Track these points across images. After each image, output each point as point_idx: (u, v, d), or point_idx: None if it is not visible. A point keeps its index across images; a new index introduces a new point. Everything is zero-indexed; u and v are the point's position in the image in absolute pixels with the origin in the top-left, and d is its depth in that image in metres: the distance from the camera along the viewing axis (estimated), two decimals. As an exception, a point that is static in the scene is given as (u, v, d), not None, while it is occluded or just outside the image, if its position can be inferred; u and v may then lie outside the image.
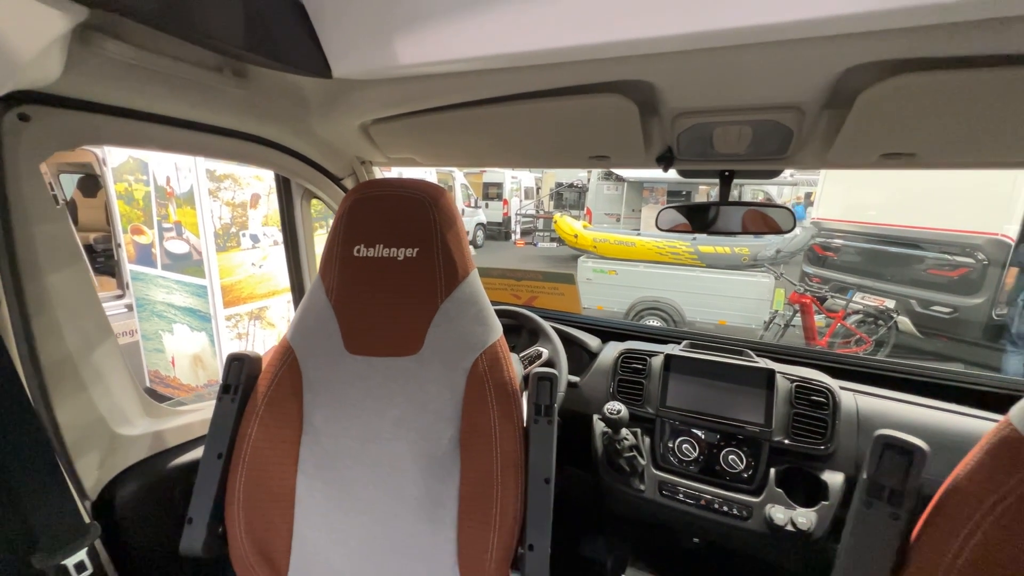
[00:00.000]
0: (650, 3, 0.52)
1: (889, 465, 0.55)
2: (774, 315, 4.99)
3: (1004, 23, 0.46)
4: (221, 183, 3.14)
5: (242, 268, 3.31)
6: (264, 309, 3.52)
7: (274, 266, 3.51)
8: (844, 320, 4.83)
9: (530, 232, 13.07)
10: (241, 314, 3.36)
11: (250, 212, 3.32)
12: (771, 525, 0.97)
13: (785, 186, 11.47)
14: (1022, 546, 0.46)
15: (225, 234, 3.18)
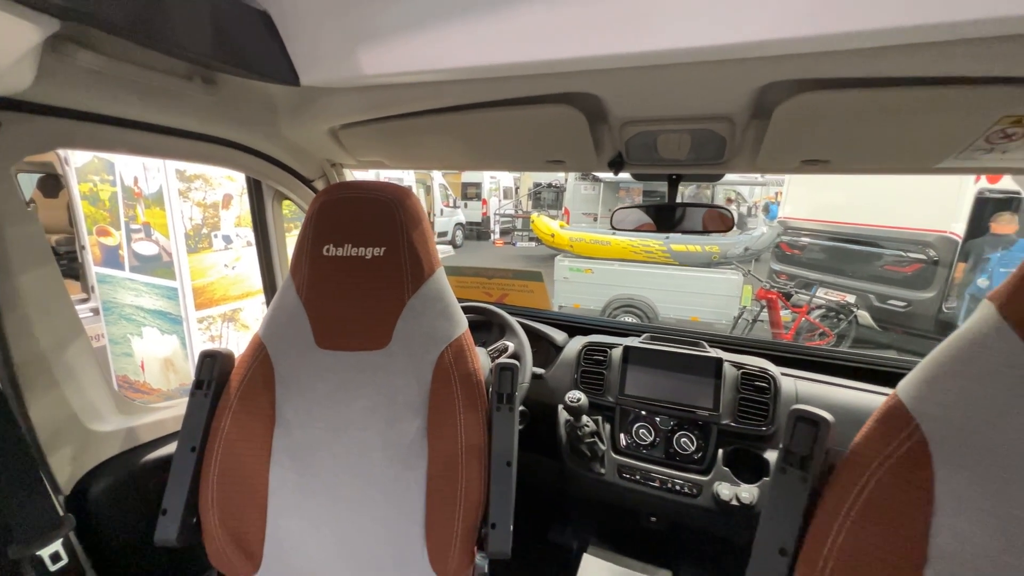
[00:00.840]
0: (594, 24, 0.58)
1: (800, 435, 0.63)
2: (743, 311, 5.18)
3: (896, 50, 0.53)
4: (192, 183, 3.10)
5: (214, 270, 3.27)
6: (238, 311, 3.48)
7: (248, 267, 3.48)
8: (808, 315, 5.05)
9: (509, 232, 13.13)
10: (214, 316, 3.32)
11: (222, 213, 3.28)
12: (718, 501, 1.05)
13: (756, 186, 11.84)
14: (900, 497, 0.54)
15: (196, 235, 3.14)
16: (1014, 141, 0.64)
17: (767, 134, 0.74)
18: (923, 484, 0.52)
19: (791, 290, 5.26)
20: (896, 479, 0.54)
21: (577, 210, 10.67)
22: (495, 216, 13.26)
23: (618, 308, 5.53)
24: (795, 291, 5.25)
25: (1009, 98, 0.58)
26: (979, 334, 0.51)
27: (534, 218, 8.79)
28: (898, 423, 0.55)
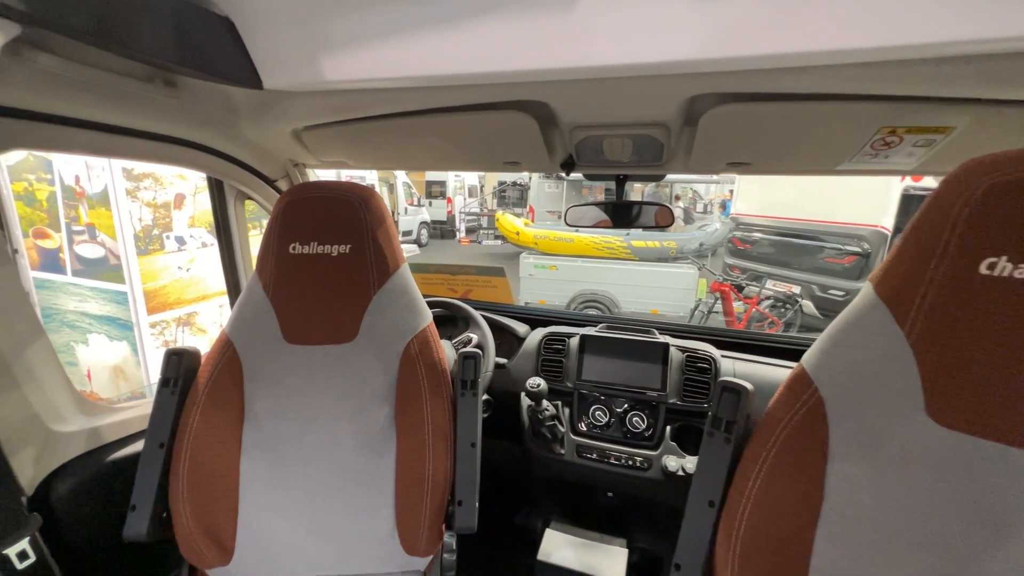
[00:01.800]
0: (544, 40, 0.64)
1: (725, 403, 0.72)
2: (699, 303, 5.44)
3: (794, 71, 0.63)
4: (140, 182, 2.98)
5: (167, 272, 3.15)
6: (193, 315, 3.36)
7: (203, 269, 3.37)
8: (758, 305, 5.37)
9: (475, 230, 13.13)
10: (168, 320, 3.20)
11: (174, 213, 3.17)
12: (666, 472, 1.15)
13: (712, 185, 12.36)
14: (803, 448, 0.64)
15: (147, 236, 3.02)
16: (892, 148, 0.76)
17: (696, 139, 0.84)
18: (820, 436, 0.62)
19: (743, 282, 5.58)
20: (799, 434, 0.64)
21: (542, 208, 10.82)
22: (460, 215, 13.21)
23: (582, 303, 5.68)
24: (746, 283, 5.57)
25: (885, 113, 0.69)
26: (860, 309, 0.61)
27: (499, 216, 8.85)
28: (801, 387, 0.65)
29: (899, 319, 0.57)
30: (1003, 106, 0.64)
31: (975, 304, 0.52)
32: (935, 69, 0.59)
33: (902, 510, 0.57)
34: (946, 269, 0.53)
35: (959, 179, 0.53)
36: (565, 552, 1.20)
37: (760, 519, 0.64)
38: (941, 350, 0.54)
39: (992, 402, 0.52)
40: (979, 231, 0.51)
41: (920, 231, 0.56)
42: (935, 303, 0.54)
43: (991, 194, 0.51)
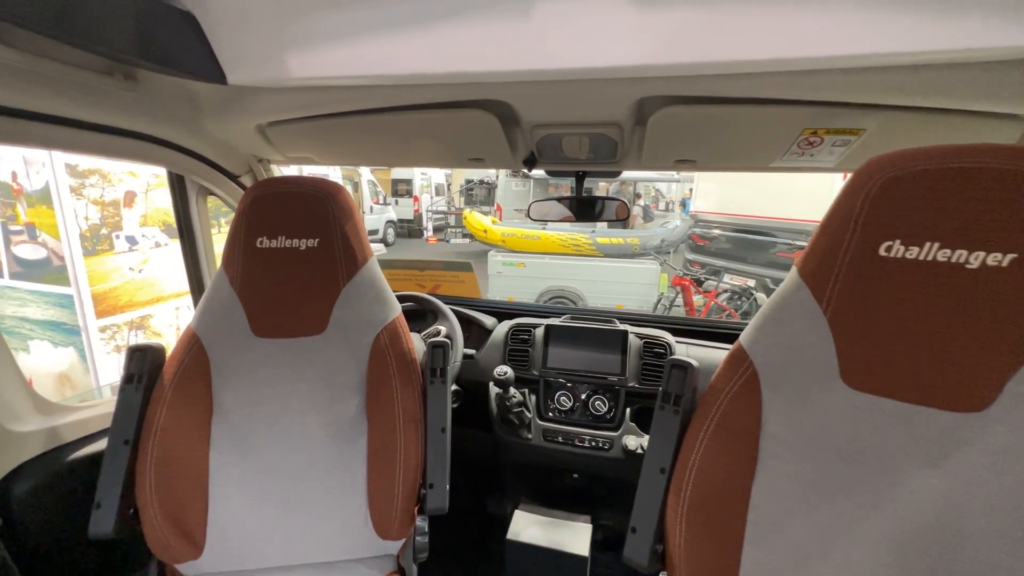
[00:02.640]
0: (504, 44, 0.68)
1: (674, 379, 0.79)
2: (661, 296, 5.65)
3: (726, 77, 0.70)
4: (86, 179, 2.83)
5: (117, 273, 3.01)
6: (147, 318, 3.22)
7: (159, 270, 3.24)
8: (716, 298, 5.63)
9: (442, 229, 13.05)
10: (119, 324, 3.05)
11: (124, 212, 3.03)
12: (626, 451, 1.23)
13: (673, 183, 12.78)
14: (739, 416, 0.71)
15: (94, 236, 2.87)
16: (815, 147, 0.85)
17: (646, 138, 0.90)
18: (754, 404, 0.70)
19: (702, 276, 5.82)
20: (737, 403, 0.72)
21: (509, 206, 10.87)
22: (427, 213, 13.10)
23: (550, 300, 5.78)
24: (705, 277, 5.82)
25: (807, 116, 0.78)
26: (787, 289, 0.69)
27: (467, 214, 8.85)
28: (738, 361, 0.73)
29: (817, 297, 0.65)
30: (904, 111, 0.73)
31: (877, 282, 0.60)
32: (846, 78, 0.68)
33: (822, 465, 0.65)
34: (853, 252, 0.62)
35: (862, 174, 0.62)
36: (533, 531, 1.25)
37: (704, 480, 0.71)
38: (852, 324, 0.63)
39: (893, 366, 0.60)
40: (877, 219, 0.60)
41: (833, 220, 0.64)
42: (845, 282, 0.63)
43: (887, 187, 0.59)
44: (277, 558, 0.95)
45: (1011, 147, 0.55)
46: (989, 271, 0.54)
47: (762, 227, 6.03)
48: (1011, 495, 0.54)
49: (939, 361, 0.58)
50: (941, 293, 0.57)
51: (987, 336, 0.55)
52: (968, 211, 0.55)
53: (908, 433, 0.60)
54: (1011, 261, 0.53)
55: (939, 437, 0.58)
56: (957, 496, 0.57)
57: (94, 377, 2.92)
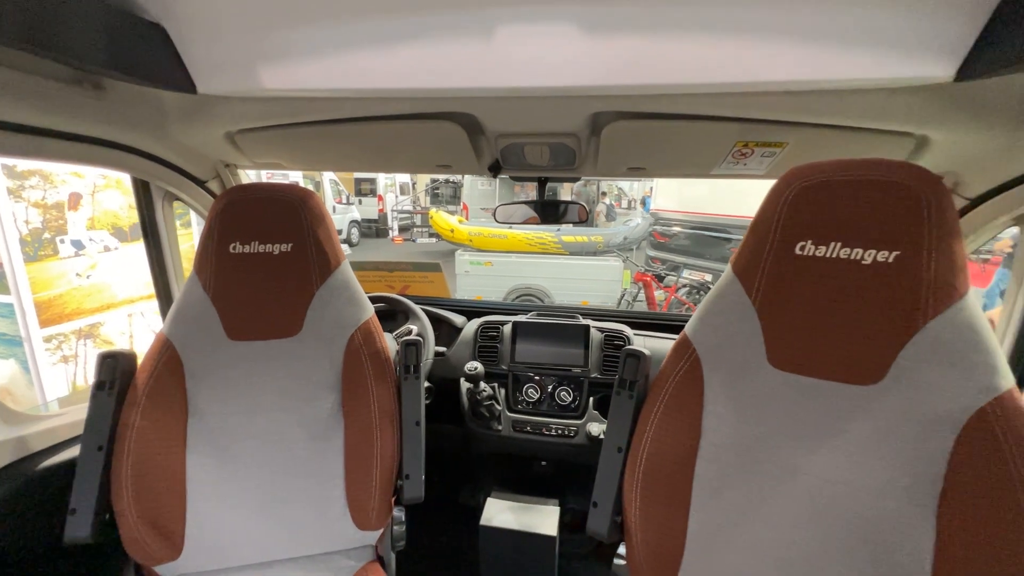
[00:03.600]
0: (469, 63, 0.73)
1: (629, 367, 0.88)
2: (624, 292, 5.85)
3: (665, 97, 0.79)
4: (26, 180, 2.68)
5: (63, 280, 2.86)
6: (97, 326, 3.08)
7: (109, 275, 3.10)
8: (676, 293, 5.88)
9: (408, 228, 12.91)
10: (66, 333, 2.91)
11: (69, 215, 2.88)
12: (590, 437, 1.32)
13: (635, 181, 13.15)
14: (685, 397, 0.80)
15: (36, 241, 2.72)
16: (748, 158, 0.96)
17: (601, 149, 0.99)
18: (697, 386, 0.80)
19: (663, 272, 6.06)
20: (682, 385, 0.81)
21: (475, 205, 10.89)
22: (393, 213, 12.92)
23: (517, 298, 5.87)
24: (666, 273, 6.06)
25: (738, 131, 0.88)
26: (723, 284, 0.79)
27: (433, 214, 8.81)
28: (683, 349, 0.82)
29: (747, 290, 0.75)
30: (817, 127, 0.84)
31: (794, 277, 0.71)
32: (768, 100, 0.78)
33: (753, 435, 0.75)
34: (775, 251, 0.72)
35: (781, 184, 0.72)
36: (505, 516, 1.32)
37: (655, 455, 0.80)
38: (775, 312, 0.73)
39: (809, 348, 0.71)
40: (793, 223, 0.70)
41: (759, 223, 0.74)
42: (769, 277, 0.73)
43: (800, 195, 0.69)
44: (257, 554, 0.98)
45: (897, 162, 0.66)
46: (879, 266, 0.65)
47: (718, 224, 6.32)
48: (899, 450, 0.65)
49: (844, 342, 0.69)
50: (844, 285, 0.67)
51: (879, 320, 0.66)
52: (862, 216, 0.66)
53: (821, 404, 0.71)
54: (895, 257, 0.64)
55: (845, 406, 0.69)
56: (858, 454, 0.68)
57: (39, 391, 2.77)
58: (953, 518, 0.61)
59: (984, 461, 0.60)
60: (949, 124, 0.78)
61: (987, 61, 0.60)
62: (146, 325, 3.29)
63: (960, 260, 0.63)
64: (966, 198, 0.93)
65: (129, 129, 0.99)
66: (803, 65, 0.67)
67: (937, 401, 0.63)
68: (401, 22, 0.71)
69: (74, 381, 3.01)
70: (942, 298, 0.63)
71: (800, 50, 0.66)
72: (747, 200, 5.94)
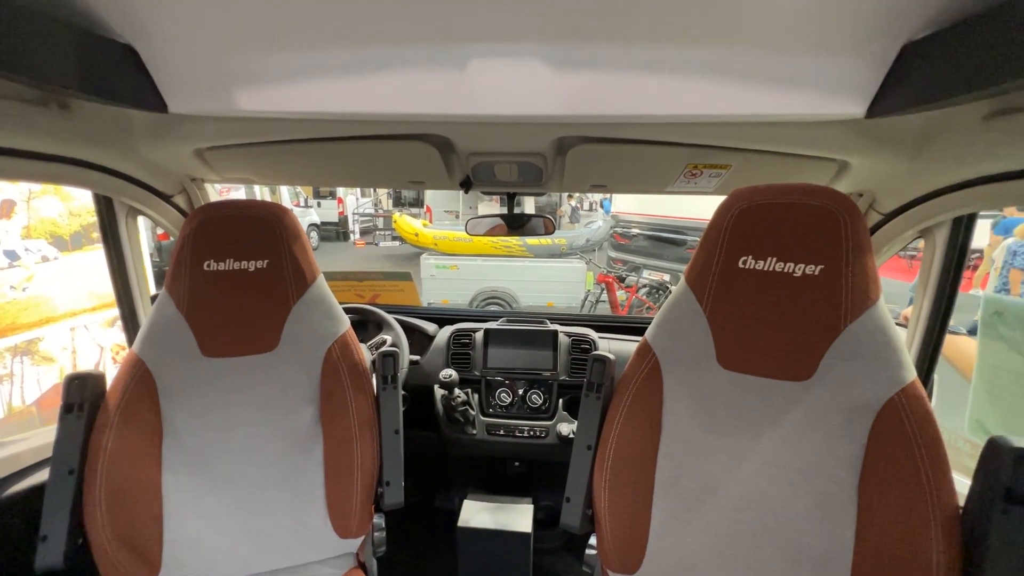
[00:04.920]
0: (439, 89, 0.78)
1: (596, 370, 0.95)
2: (587, 294, 6.02)
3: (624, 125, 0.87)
4: (-50, 187, 2.49)
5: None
6: (35, 341, 2.89)
7: (48, 287, 2.91)
8: (637, 293, 6.10)
9: (370, 231, 12.67)
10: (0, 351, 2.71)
11: (1, 223, 2.70)
12: (560, 437, 1.39)
13: (596, 184, 13.45)
14: (646, 397, 0.88)
15: (-38, 252, 2.54)
16: (697, 177, 1.06)
17: (566, 168, 1.06)
18: (657, 387, 0.88)
19: (623, 273, 6.27)
20: (644, 387, 0.89)
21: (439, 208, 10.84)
22: (354, 215, 12.65)
23: (484, 301, 5.91)
24: (627, 274, 6.28)
25: (688, 155, 0.97)
26: (678, 293, 0.87)
27: (396, 218, 8.71)
28: (644, 353, 0.90)
29: (699, 299, 0.84)
30: (757, 153, 0.95)
31: (738, 287, 0.80)
32: (714, 129, 0.88)
33: (705, 429, 0.84)
34: (721, 265, 0.81)
35: (725, 205, 0.81)
36: (481, 516, 1.37)
37: (621, 451, 0.88)
38: (723, 319, 0.82)
39: (752, 349, 0.80)
40: (736, 239, 0.79)
41: (708, 238, 0.83)
42: (718, 287, 0.82)
43: (741, 216, 0.79)
44: (238, 568, 0.98)
45: (820, 188, 0.76)
46: (807, 278, 0.75)
47: (675, 226, 6.61)
48: (827, 435, 0.76)
49: (780, 343, 0.79)
50: (779, 294, 0.77)
51: (808, 324, 0.76)
52: (792, 235, 0.76)
53: (762, 400, 0.81)
54: (820, 271, 0.74)
55: (782, 401, 0.79)
56: (794, 440, 0.78)
57: (-29, 413, 2.57)
58: (871, 489, 0.72)
59: (893, 441, 0.71)
60: (863, 152, 0.90)
61: (889, 103, 0.71)
62: (91, 339, 3.12)
63: (872, 272, 0.75)
64: (881, 213, 1.07)
65: (94, 147, 0.97)
66: (742, 101, 0.76)
67: (857, 392, 0.74)
68: (377, 51, 0.75)
69: (9, 402, 2.81)
70: (859, 305, 0.74)
71: (740, 88, 0.75)
72: (701, 203, 6.26)
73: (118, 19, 0.71)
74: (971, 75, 0.56)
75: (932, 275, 1.03)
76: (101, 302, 3.19)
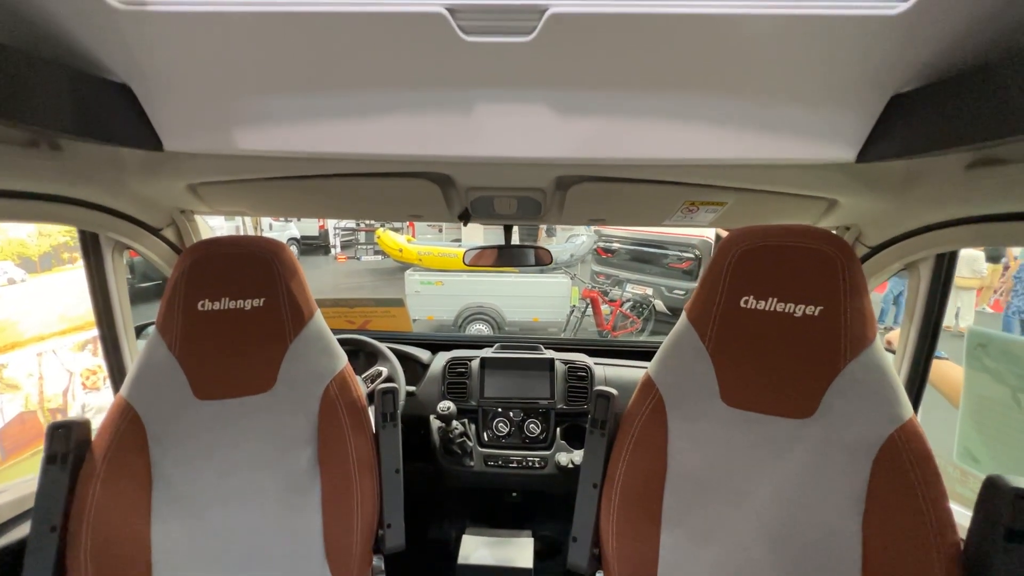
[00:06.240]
0: (444, 132, 0.78)
1: (599, 406, 0.95)
2: (573, 309, 6.06)
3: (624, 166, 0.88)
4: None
5: (-44, 318, 2.54)
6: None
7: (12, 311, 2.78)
8: (621, 308, 6.18)
9: (351, 245, 12.53)
10: (-44, 380, 2.57)
11: (-41, 243, 2.58)
12: (559, 467, 1.39)
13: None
14: (651, 434, 0.89)
15: (-81, 275, 2.41)
16: (694, 213, 1.08)
17: (565, 203, 1.07)
18: (662, 423, 0.89)
19: (607, 287, 6.35)
20: (649, 424, 0.90)
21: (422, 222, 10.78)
22: (335, 229, 12.50)
23: (470, 316, 5.89)
24: (610, 288, 6.36)
25: (686, 193, 1.00)
26: (680, 330, 0.89)
27: (380, 233, 8.64)
28: (647, 390, 0.91)
29: (701, 337, 0.85)
30: (750, 192, 0.98)
31: (740, 325, 0.82)
32: (711, 170, 0.90)
33: (710, 465, 0.85)
34: (723, 304, 0.83)
35: (726, 245, 0.83)
36: (481, 552, 1.35)
37: (628, 489, 0.88)
38: (726, 357, 0.84)
39: (754, 387, 0.82)
40: (737, 280, 0.81)
41: (709, 277, 0.85)
42: (720, 325, 0.83)
43: (742, 257, 0.81)
44: None
45: (818, 231, 0.79)
46: (807, 318, 0.78)
47: (656, 241, 6.74)
48: (830, 473, 0.77)
49: (782, 382, 0.80)
50: (780, 333, 0.79)
51: (809, 363, 0.78)
52: (792, 276, 0.78)
53: (765, 436, 0.82)
54: (819, 312, 0.77)
55: (784, 438, 0.81)
56: (797, 478, 0.79)
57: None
58: (875, 525, 0.74)
59: (895, 478, 0.73)
60: (852, 192, 0.94)
61: (877, 150, 0.74)
62: (59, 364, 2.98)
63: (868, 313, 0.77)
64: (867, 246, 1.11)
65: (84, 185, 0.94)
66: (741, 146, 0.79)
67: (857, 430, 0.76)
68: (382, 95, 0.75)
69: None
70: (857, 344, 0.76)
71: (738, 134, 0.77)
72: (681, 218, 6.42)
73: (114, 59, 0.69)
74: (955, 131, 0.59)
75: (918, 307, 1.08)
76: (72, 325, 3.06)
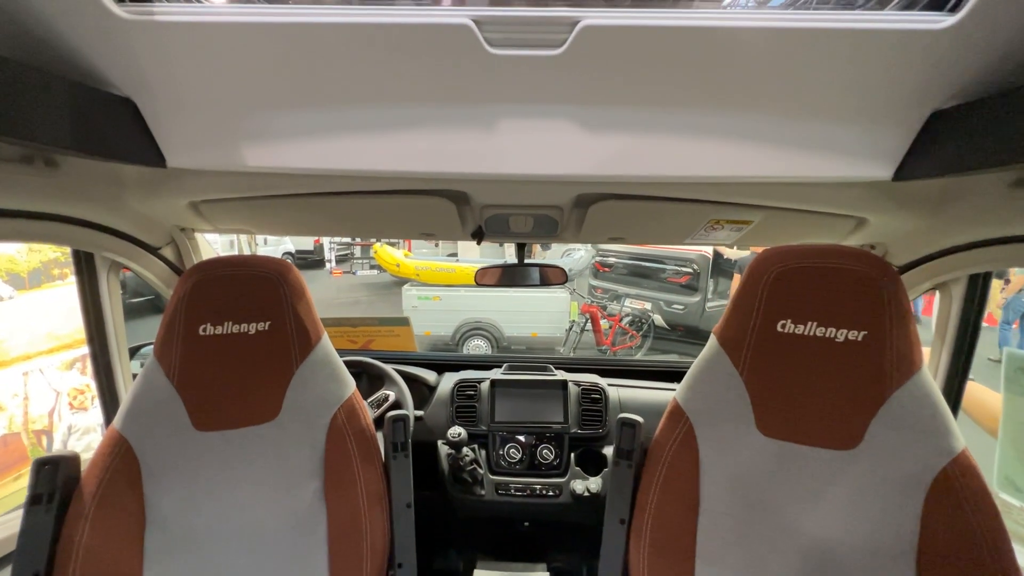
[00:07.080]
0: (464, 150, 0.74)
1: (624, 436, 0.90)
2: (572, 324, 6.02)
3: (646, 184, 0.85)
4: None
5: (-61, 337, 2.45)
6: (-25, 389, 2.64)
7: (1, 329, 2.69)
8: (620, 322, 6.14)
9: (346, 259, 12.45)
10: (-60, 401, 2.46)
11: (-50, 262, 2.50)
12: (574, 495, 1.32)
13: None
14: (682, 465, 0.84)
15: None
16: (718, 231, 1.05)
17: (585, 222, 1.04)
18: (693, 454, 0.84)
19: (605, 302, 6.32)
20: (679, 454, 0.84)
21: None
22: (330, 244, 12.43)
23: (468, 331, 5.83)
24: (608, 302, 6.33)
25: (710, 211, 0.96)
26: (709, 355, 0.84)
27: (377, 248, 8.59)
28: (676, 417, 0.86)
29: (734, 362, 0.81)
30: (777, 211, 0.95)
31: (776, 351, 0.78)
32: (737, 188, 0.87)
33: (748, 501, 0.80)
34: (759, 328, 0.78)
35: (760, 265, 0.79)
36: (495, 588, 1.28)
37: (659, 526, 0.83)
38: (762, 383, 0.79)
39: (792, 416, 0.77)
40: (773, 303, 0.77)
41: (741, 300, 0.81)
42: (755, 351, 0.79)
43: (778, 279, 0.77)
44: None
45: (859, 252, 0.75)
46: (850, 344, 0.73)
47: (653, 255, 6.74)
48: (878, 510, 0.72)
49: (822, 411, 0.76)
50: (820, 360, 0.75)
51: (852, 392, 0.74)
52: (834, 299, 0.74)
53: (806, 469, 0.77)
54: (863, 336, 0.73)
55: (828, 470, 0.76)
56: (842, 515, 0.74)
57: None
58: (930, 565, 0.69)
59: (949, 517, 0.69)
60: (884, 210, 0.91)
61: (916, 168, 0.71)
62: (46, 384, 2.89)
63: (914, 338, 0.73)
64: (895, 266, 1.08)
65: (80, 202, 0.89)
66: (772, 164, 0.75)
67: (906, 464, 0.71)
68: (401, 110, 0.71)
69: (-53, 458, 2.54)
70: (903, 372, 0.72)
71: (770, 151, 0.74)
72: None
73: (118, 71, 0.66)
74: (999, 149, 0.56)
75: (950, 329, 1.04)
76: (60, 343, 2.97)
